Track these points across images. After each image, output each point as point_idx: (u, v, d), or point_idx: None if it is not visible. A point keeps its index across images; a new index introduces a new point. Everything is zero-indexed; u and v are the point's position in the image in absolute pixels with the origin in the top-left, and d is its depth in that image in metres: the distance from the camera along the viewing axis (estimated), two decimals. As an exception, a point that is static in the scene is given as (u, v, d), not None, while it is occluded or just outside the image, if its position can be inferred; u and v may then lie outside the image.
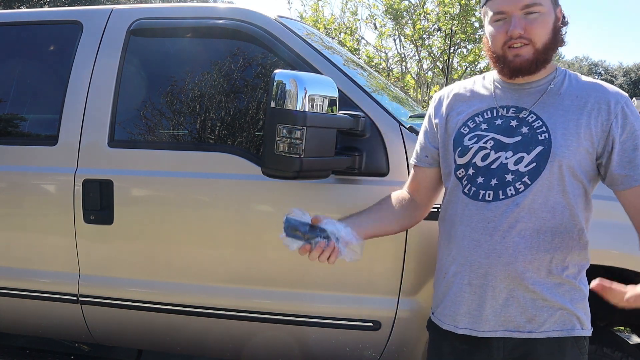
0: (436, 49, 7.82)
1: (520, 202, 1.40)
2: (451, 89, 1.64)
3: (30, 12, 2.48)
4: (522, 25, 1.39)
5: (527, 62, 1.42)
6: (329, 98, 1.73)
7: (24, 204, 2.24)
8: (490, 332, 1.45)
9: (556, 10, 1.45)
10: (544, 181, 1.39)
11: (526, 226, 1.40)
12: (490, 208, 1.42)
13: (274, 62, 2.08)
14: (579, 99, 1.42)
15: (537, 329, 1.42)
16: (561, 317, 1.42)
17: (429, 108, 1.68)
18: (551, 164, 1.39)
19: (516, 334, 1.43)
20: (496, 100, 1.51)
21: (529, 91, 1.48)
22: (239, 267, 2.05)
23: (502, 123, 1.47)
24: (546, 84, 1.47)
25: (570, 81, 1.47)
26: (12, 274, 2.27)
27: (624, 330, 3.53)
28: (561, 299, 1.42)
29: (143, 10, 2.26)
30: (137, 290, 2.15)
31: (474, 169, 1.47)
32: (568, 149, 1.39)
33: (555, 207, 1.40)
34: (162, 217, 2.09)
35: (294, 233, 1.40)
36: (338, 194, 1.96)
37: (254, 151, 2.05)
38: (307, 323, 2.02)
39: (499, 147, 1.44)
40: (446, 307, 1.52)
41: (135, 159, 2.13)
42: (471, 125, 1.52)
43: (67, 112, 2.20)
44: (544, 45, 1.41)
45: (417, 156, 1.68)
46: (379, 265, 1.94)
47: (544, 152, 1.39)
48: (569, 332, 1.43)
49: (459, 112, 1.56)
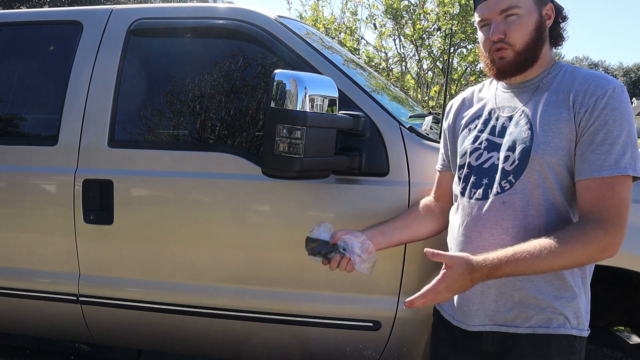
0: (436, 49, 7.82)
1: (505, 200, 1.42)
2: (462, 95, 1.71)
3: (31, 12, 2.48)
4: (501, 29, 1.43)
5: (509, 64, 1.45)
6: (329, 98, 1.73)
7: (24, 204, 2.24)
8: (479, 327, 1.48)
9: (542, 9, 1.45)
10: (527, 179, 1.40)
11: (513, 224, 1.42)
12: (480, 206, 1.47)
13: (274, 62, 2.08)
14: (564, 93, 1.41)
15: (523, 324, 1.44)
16: (548, 315, 1.43)
17: (444, 114, 1.76)
18: (532, 161, 1.39)
19: (504, 329, 1.45)
20: (496, 102, 1.55)
21: (523, 90, 1.50)
22: (239, 267, 2.05)
23: (496, 124, 1.51)
24: (538, 82, 1.48)
25: (564, 76, 1.45)
26: (12, 274, 2.27)
27: (624, 330, 3.53)
28: (548, 297, 1.42)
29: (143, 10, 2.26)
30: (137, 290, 2.15)
31: (468, 168, 1.53)
32: (548, 145, 1.38)
33: (542, 205, 1.40)
34: (162, 217, 2.09)
35: (314, 251, 1.58)
36: (338, 194, 1.96)
37: (254, 151, 2.05)
38: (307, 323, 2.02)
39: (491, 147, 1.49)
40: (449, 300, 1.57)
41: (135, 159, 2.13)
42: (472, 127, 1.58)
43: (67, 112, 2.20)
44: (524, 46, 1.44)
45: (439, 162, 1.77)
46: (379, 265, 1.94)
47: (525, 150, 1.40)
48: (555, 329, 1.42)
49: (464, 116, 1.63)
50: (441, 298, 1.37)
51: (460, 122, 1.63)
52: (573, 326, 1.43)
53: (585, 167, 1.34)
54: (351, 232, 1.60)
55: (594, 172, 1.33)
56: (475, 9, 1.50)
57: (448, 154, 1.70)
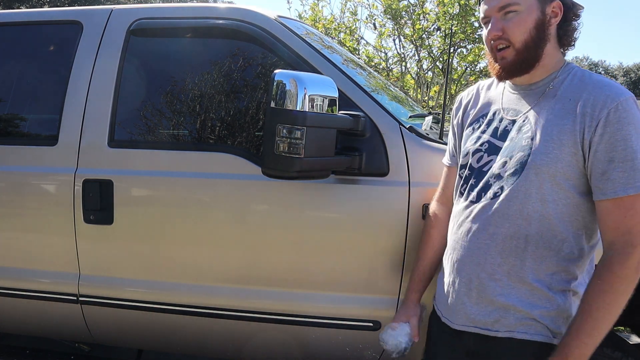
0: (436, 49, 7.81)
1: (495, 206, 1.42)
2: (471, 90, 1.68)
3: (31, 12, 2.47)
4: (500, 26, 1.41)
5: (509, 63, 1.43)
6: (329, 98, 1.73)
7: (24, 204, 2.24)
8: (462, 326, 1.50)
9: (546, 7, 1.41)
10: (520, 188, 1.38)
11: (498, 230, 1.41)
12: (472, 209, 1.47)
13: (273, 62, 2.08)
14: (570, 102, 1.36)
15: (502, 329, 1.43)
16: (527, 323, 1.41)
17: (453, 110, 1.74)
18: (527, 171, 1.37)
19: (484, 332, 1.46)
20: (502, 102, 1.52)
21: (529, 93, 1.47)
22: (239, 267, 2.05)
23: (499, 126, 1.49)
24: (545, 85, 1.44)
25: (572, 81, 1.41)
26: (12, 274, 2.27)
27: (624, 330, 3.53)
28: (528, 307, 1.40)
29: (143, 10, 2.26)
30: (137, 290, 2.15)
31: (469, 170, 1.53)
32: (547, 156, 1.35)
33: (531, 215, 1.38)
34: (162, 217, 2.09)
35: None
36: (338, 194, 1.96)
37: (254, 151, 2.05)
38: (307, 323, 2.02)
39: (492, 150, 1.48)
40: (440, 296, 1.61)
41: (135, 159, 2.13)
42: (475, 126, 1.57)
43: (67, 112, 2.20)
44: (523, 44, 1.40)
45: (447, 157, 1.76)
46: (379, 265, 1.95)
47: (523, 158, 1.38)
48: (532, 336, 1.40)
49: (470, 113, 1.62)
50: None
51: (467, 119, 1.62)
52: (553, 335, 1.41)
53: (609, 186, 1.29)
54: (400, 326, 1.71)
55: (619, 190, 1.28)
56: (480, 5, 1.49)
57: (457, 149, 1.68)
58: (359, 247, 1.94)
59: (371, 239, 1.93)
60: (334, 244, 1.95)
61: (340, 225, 1.96)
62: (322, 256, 1.97)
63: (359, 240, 1.94)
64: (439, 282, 1.64)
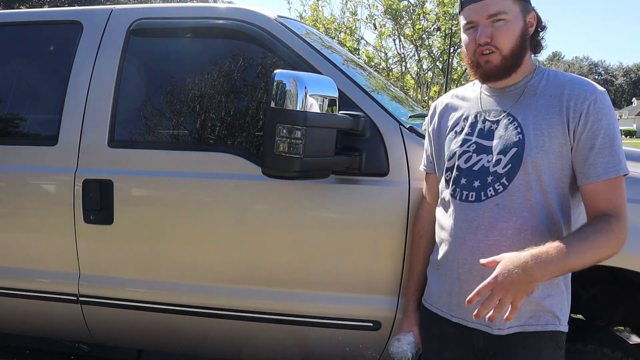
0: (436, 49, 7.82)
1: (499, 202, 1.46)
2: (444, 98, 1.75)
3: (31, 12, 2.48)
4: (488, 33, 1.47)
5: (496, 68, 1.49)
6: (329, 98, 1.73)
7: (24, 204, 2.24)
8: (476, 324, 1.51)
9: (526, 17, 1.50)
10: (520, 181, 1.45)
11: (507, 225, 1.46)
12: (473, 208, 1.50)
13: (274, 62, 2.08)
14: (552, 98, 1.47)
15: (514, 323, 1.47)
16: (537, 313, 1.47)
17: (427, 118, 1.79)
18: (524, 164, 1.44)
19: (497, 331, 1.48)
20: (481, 105, 1.59)
21: (508, 94, 1.55)
22: (239, 267, 2.05)
23: (483, 127, 1.55)
24: (523, 86, 1.53)
25: (548, 80, 1.51)
26: (12, 274, 2.27)
27: (624, 330, 3.53)
28: (539, 296, 1.45)
29: (143, 10, 2.26)
30: (137, 290, 2.15)
31: (457, 171, 1.56)
32: (540, 149, 1.43)
33: (535, 207, 1.45)
34: (162, 217, 2.09)
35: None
36: (338, 194, 1.96)
37: (254, 151, 2.05)
38: (307, 323, 2.02)
39: (480, 150, 1.53)
40: (441, 297, 1.61)
41: (135, 159, 2.13)
42: (458, 130, 1.61)
43: (67, 112, 2.20)
44: (510, 51, 1.48)
45: (424, 163, 1.80)
46: (379, 265, 1.95)
47: (517, 153, 1.45)
48: (543, 326, 1.47)
49: (449, 119, 1.67)
50: (508, 298, 1.29)
51: (447, 125, 1.66)
52: (560, 323, 1.49)
53: (592, 170, 1.41)
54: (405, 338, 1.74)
55: (601, 175, 1.40)
56: (461, 11, 1.53)
57: (433, 155, 1.73)
58: (359, 247, 1.94)
59: (371, 239, 1.93)
60: (334, 244, 1.96)
61: (340, 225, 1.96)
62: (322, 256, 1.97)
63: (359, 240, 1.94)
64: (433, 279, 1.66)
